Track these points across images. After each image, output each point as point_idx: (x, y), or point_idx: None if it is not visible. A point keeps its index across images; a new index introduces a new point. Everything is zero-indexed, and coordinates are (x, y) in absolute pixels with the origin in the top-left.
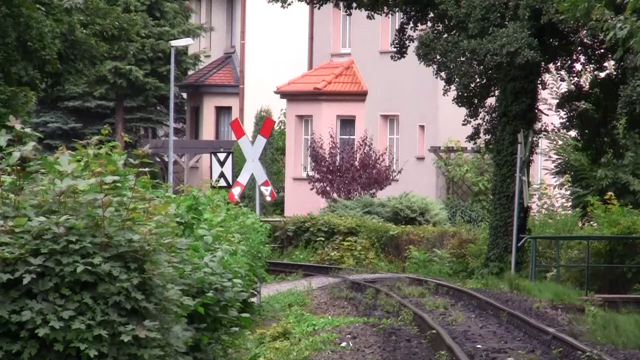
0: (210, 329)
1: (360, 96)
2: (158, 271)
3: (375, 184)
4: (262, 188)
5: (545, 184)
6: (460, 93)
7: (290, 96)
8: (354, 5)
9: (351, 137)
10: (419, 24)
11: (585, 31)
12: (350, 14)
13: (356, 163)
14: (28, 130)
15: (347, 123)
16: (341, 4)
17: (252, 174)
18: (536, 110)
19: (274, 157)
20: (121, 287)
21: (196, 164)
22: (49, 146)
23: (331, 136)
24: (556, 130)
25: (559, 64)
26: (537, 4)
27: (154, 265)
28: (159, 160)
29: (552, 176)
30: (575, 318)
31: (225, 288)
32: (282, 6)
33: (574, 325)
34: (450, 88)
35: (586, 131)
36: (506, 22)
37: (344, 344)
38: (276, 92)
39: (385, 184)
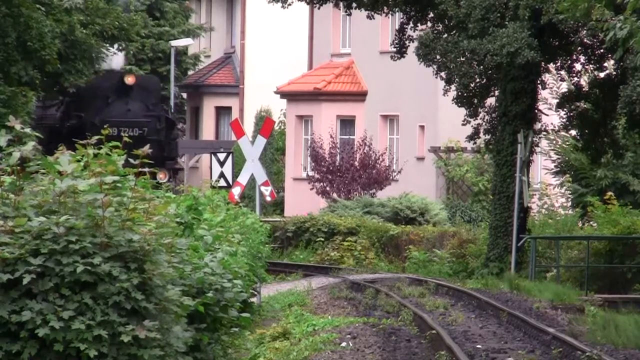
0: (210, 329)
1: (360, 96)
2: (158, 271)
3: (375, 184)
4: (262, 188)
5: (545, 184)
6: (460, 93)
7: (290, 96)
8: (354, 5)
9: (351, 137)
10: (419, 24)
11: (585, 31)
12: (350, 14)
13: (356, 163)
14: (28, 130)
15: (347, 123)
16: (341, 4)
17: (252, 174)
18: (536, 110)
19: (274, 157)
20: (121, 287)
21: (196, 164)
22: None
23: (331, 136)
24: (556, 131)
25: (559, 64)
26: (537, 4)
27: (154, 266)
28: None
29: (552, 176)
30: (575, 318)
31: (225, 288)
32: (283, 6)
33: (573, 325)
34: (450, 88)
35: (586, 131)
36: (506, 22)
37: (343, 344)
38: (276, 92)
39: (385, 184)
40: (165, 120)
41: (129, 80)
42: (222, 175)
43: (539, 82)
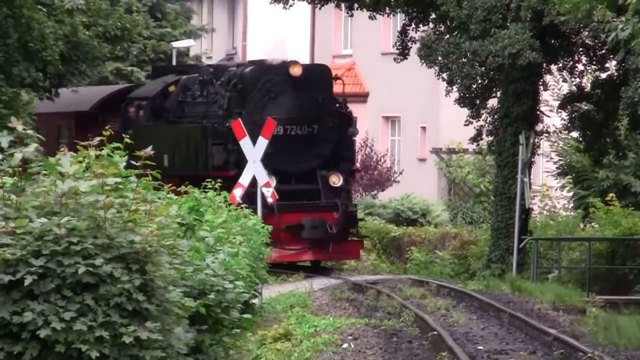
0: (211, 331)
1: (361, 97)
2: (159, 273)
3: (376, 185)
4: (264, 189)
5: (547, 186)
6: (461, 94)
7: None
8: (356, 5)
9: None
10: (420, 25)
11: (587, 32)
12: (351, 15)
13: (357, 164)
14: (30, 131)
15: None
16: (342, 4)
17: (254, 176)
18: (538, 112)
19: None
20: (122, 289)
21: None
22: None
23: None
24: (558, 132)
25: (560, 65)
26: (538, 6)
27: (155, 267)
28: None
29: (554, 178)
30: (576, 319)
31: (226, 289)
32: (284, 7)
33: (575, 326)
34: (452, 89)
35: (588, 132)
36: (508, 24)
37: (345, 345)
38: None
39: (387, 186)
40: (338, 115)
41: (296, 71)
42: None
43: (540, 83)
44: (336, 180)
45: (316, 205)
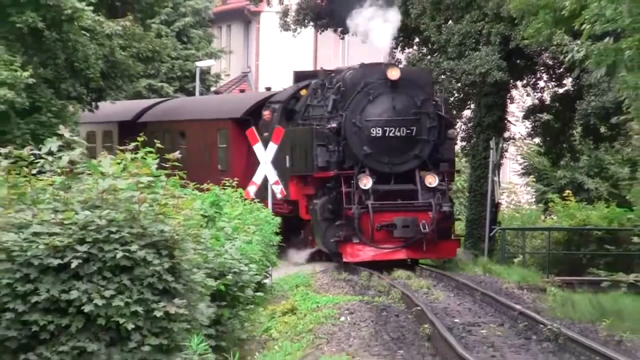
0: (229, 306)
1: None
2: (185, 257)
3: None
4: (274, 187)
5: (513, 184)
6: None
7: None
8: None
9: None
10: (406, 48)
11: (547, 54)
12: (343, 38)
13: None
14: (76, 137)
15: None
16: (338, 30)
17: (265, 175)
18: (506, 121)
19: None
20: (154, 271)
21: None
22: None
23: None
24: (522, 138)
25: (524, 81)
26: (506, 31)
27: (182, 252)
28: None
29: (519, 176)
30: (538, 297)
31: (242, 271)
32: (293, 35)
33: (537, 303)
34: None
35: (547, 138)
36: (480, 47)
37: (342, 318)
38: None
39: None
40: (437, 118)
41: (393, 74)
42: None
43: (508, 97)
44: (432, 180)
45: (410, 205)
